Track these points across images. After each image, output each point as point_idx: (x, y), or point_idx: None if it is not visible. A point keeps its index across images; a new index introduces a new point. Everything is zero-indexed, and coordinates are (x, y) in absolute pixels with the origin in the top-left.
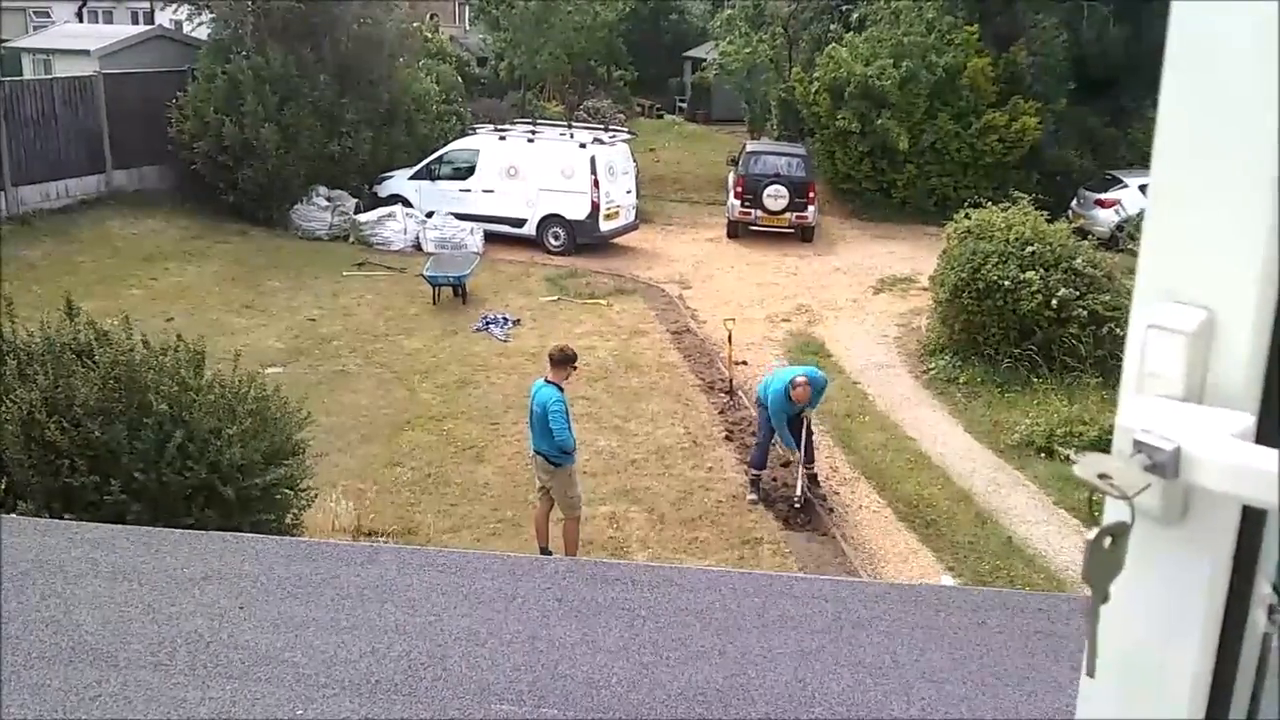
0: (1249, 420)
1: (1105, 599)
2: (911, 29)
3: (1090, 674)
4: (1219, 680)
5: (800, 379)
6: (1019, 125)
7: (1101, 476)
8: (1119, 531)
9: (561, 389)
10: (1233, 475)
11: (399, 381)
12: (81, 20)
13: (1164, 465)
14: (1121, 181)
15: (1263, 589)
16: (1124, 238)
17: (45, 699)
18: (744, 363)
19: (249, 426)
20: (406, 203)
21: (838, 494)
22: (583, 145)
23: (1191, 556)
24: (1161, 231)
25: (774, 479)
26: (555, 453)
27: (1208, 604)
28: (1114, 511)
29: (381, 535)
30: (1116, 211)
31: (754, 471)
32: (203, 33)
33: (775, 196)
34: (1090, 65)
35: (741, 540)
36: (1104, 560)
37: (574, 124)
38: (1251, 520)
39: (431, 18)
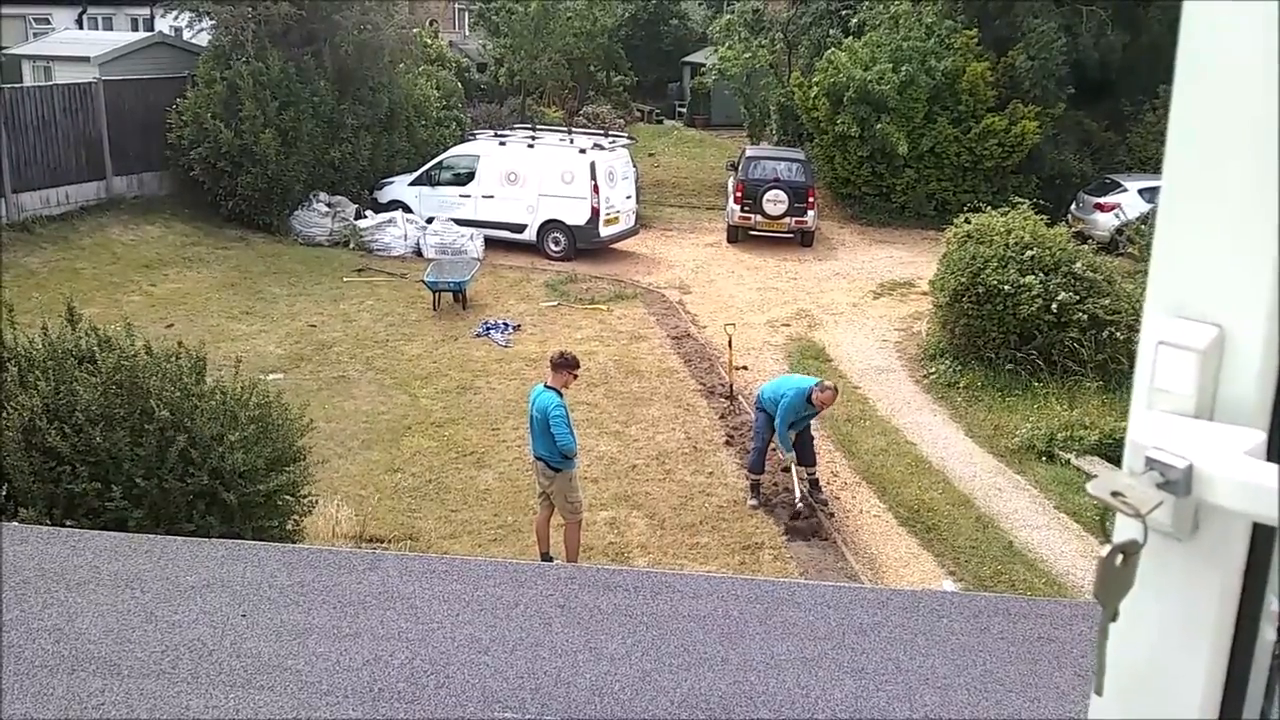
0: (1260, 437)
1: (1115, 616)
2: (910, 33)
3: (1099, 692)
4: (1229, 693)
5: (829, 384)
6: (1018, 129)
7: (1114, 494)
8: (1130, 549)
9: (561, 394)
10: (1245, 493)
11: (399, 387)
12: (81, 27)
13: (1176, 483)
14: (1121, 185)
15: (1272, 604)
16: (1124, 241)
17: (48, 707)
18: (744, 367)
19: (251, 433)
20: (407, 208)
21: (839, 499)
22: (582, 150)
23: (1202, 572)
24: (1171, 247)
25: (774, 484)
26: (556, 458)
27: (1218, 618)
28: (1125, 529)
29: (383, 541)
30: (1116, 215)
31: (753, 476)
32: (203, 39)
33: (775, 201)
34: (1089, 69)
35: (742, 545)
36: (1115, 578)
37: (574, 129)
38: (1261, 533)
39: (431, 23)
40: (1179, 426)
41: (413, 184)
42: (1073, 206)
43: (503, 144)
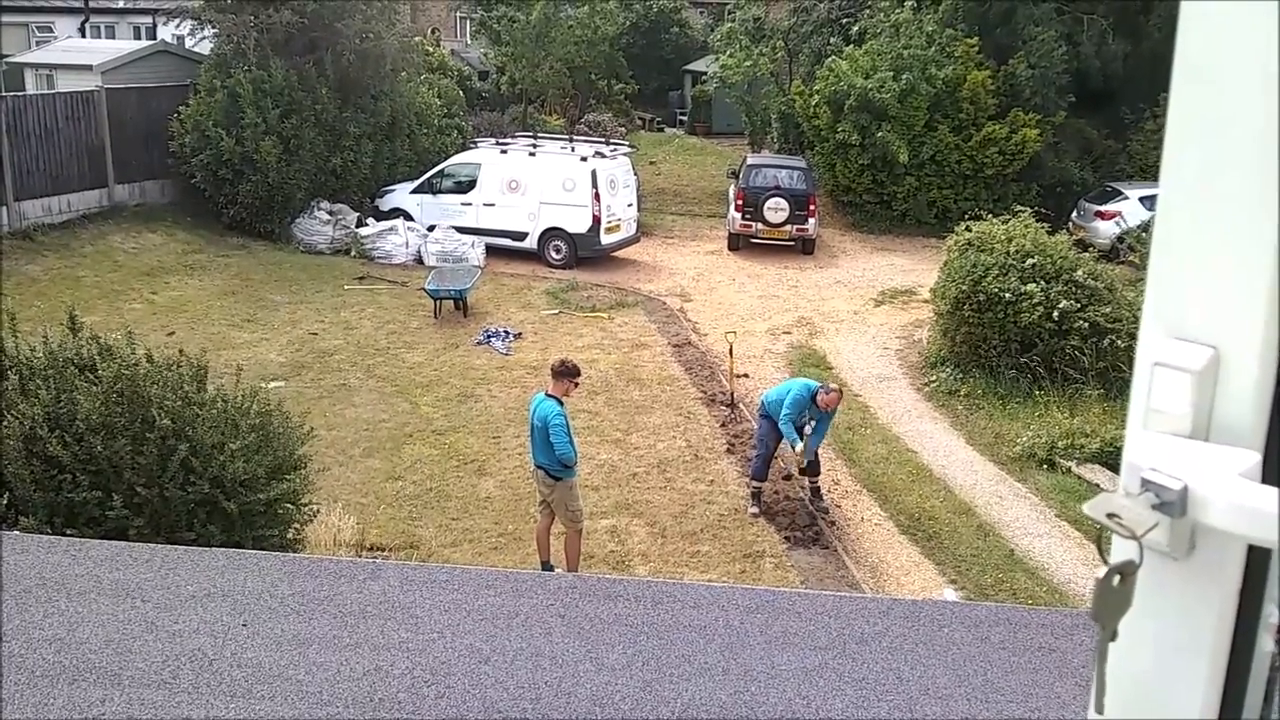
0: (1255, 459)
1: (1114, 636)
2: (911, 42)
3: (1099, 711)
4: (1227, 710)
5: (834, 385)
6: (1018, 137)
7: (1110, 516)
8: (1127, 570)
9: (562, 402)
10: (1239, 515)
11: (400, 395)
12: (84, 35)
13: (1172, 504)
14: (1121, 193)
15: (1272, 615)
16: (1124, 249)
17: (49, 717)
18: (745, 375)
19: (252, 441)
20: (408, 216)
21: (840, 507)
22: (584, 159)
23: (1198, 590)
24: (1167, 269)
25: (775, 491)
26: (556, 466)
27: (1215, 637)
28: (1122, 549)
29: (383, 550)
30: (1117, 223)
31: (755, 484)
32: (205, 48)
33: (776, 209)
34: (1089, 78)
35: (743, 554)
36: (1113, 598)
37: (575, 137)
38: (1257, 550)
39: (433, 32)
40: (1175, 448)
41: (414, 192)
42: (1073, 214)
43: (504, 152)
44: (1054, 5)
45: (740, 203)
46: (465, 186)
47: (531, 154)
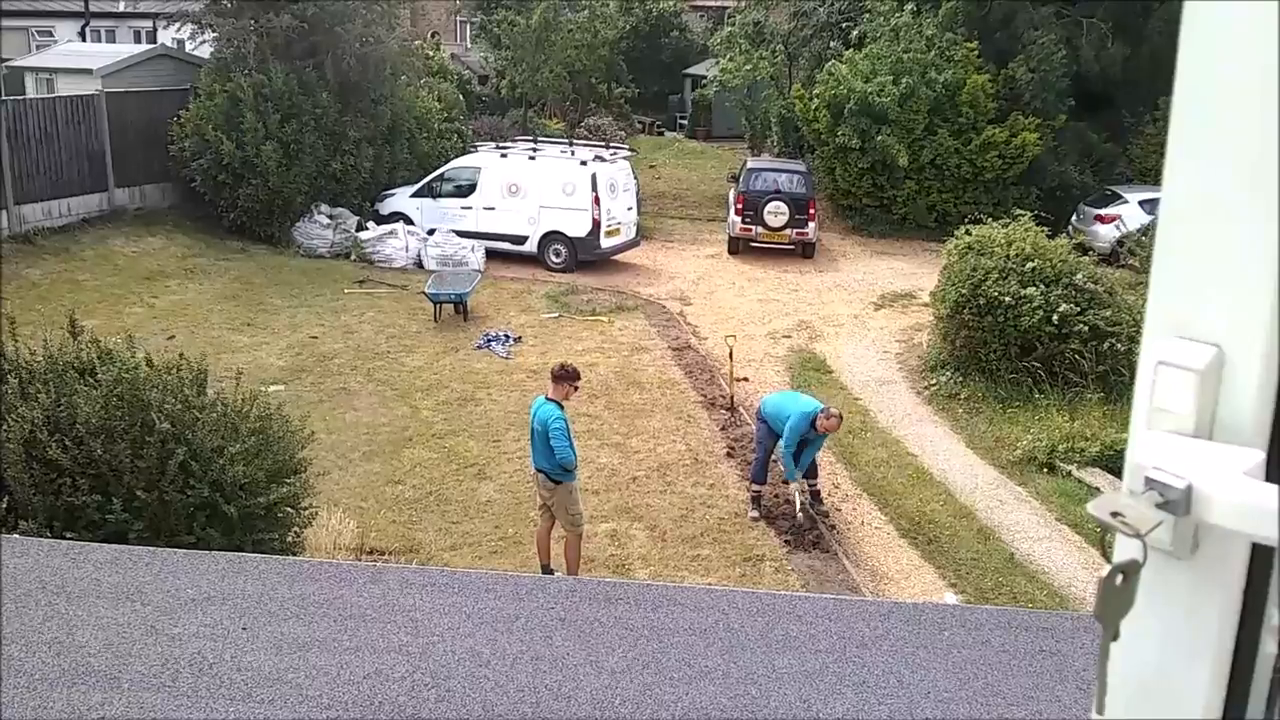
0: (1259, 457)
1: (1116, 636)
2: (911, 46)
3: (1100, 711)
4: (1231, 709)
5: (835, 411)
6: (1018, 141)
7: (1114, 515)
8: (1131, 569)
9: (562, 406)
10: (1244, 514)
11: (400, 399)
12: (84, 39)
13: (1175, 503)
14: (1121, 197)
15: (1273, 617)
16: (1124, 253)
17: None
18: (745, 379)
19: (251, 445)
20: (408, 220)
21: (840, 510)
22: (584, 162)
23: (1202, 590)
24: (1171, 268)
25: (775, 495)
26: (556, 470)
27: (1219, 636)
28: (1125, 548)
29: (384, 554)
30: (1117, 227)
31: (755, 488)
32: (205, 52)
33: (776, 213)
34: (1089, 81)
35: (743, 557)
36: (1116, 597)
37: (575, 141)
38: (1261, 549)
39: (433, 36)
40: (1178, 446)
41: (414, 196)
42: (1073, 218)
43: (504, 156)
44: (1054, 9)
45: (740, 206)
46: (465, 190)
47: (531, 158)
